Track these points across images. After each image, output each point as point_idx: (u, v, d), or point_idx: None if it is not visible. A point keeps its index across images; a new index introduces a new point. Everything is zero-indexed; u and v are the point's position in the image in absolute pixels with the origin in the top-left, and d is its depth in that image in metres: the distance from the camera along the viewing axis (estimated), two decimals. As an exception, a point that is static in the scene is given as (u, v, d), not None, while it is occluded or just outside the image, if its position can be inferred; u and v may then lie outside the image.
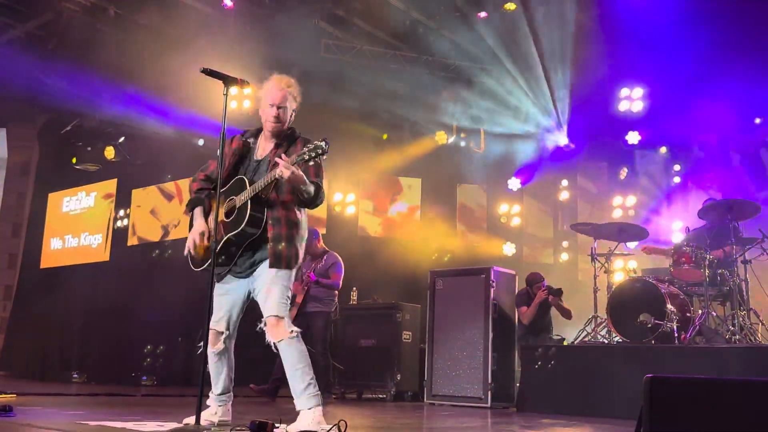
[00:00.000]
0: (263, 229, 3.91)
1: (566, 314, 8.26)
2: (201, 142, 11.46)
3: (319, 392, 3.88)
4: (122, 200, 13.07)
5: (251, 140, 4.19)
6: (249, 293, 4.07)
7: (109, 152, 12.65)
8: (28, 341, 13.14)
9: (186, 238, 4.18)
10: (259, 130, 4.20)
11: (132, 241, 12.75)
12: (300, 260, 4.05)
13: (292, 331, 3.86)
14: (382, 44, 11.10)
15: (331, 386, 7.82)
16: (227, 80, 3.91)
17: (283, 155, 3.85)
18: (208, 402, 4.13)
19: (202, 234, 4.07)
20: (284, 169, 3.69)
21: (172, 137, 11.70)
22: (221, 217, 3.99)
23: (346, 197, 11.90)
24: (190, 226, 4.20)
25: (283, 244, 3.91)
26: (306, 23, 10.31)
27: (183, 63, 9.69)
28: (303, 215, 4.10)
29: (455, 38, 10.57)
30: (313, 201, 3.96)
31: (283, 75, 4.16)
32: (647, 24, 9.10)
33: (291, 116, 4.11)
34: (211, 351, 4.07)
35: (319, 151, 3.69)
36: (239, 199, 3.93)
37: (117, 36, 10.34)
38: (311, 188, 3.89)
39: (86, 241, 13.41)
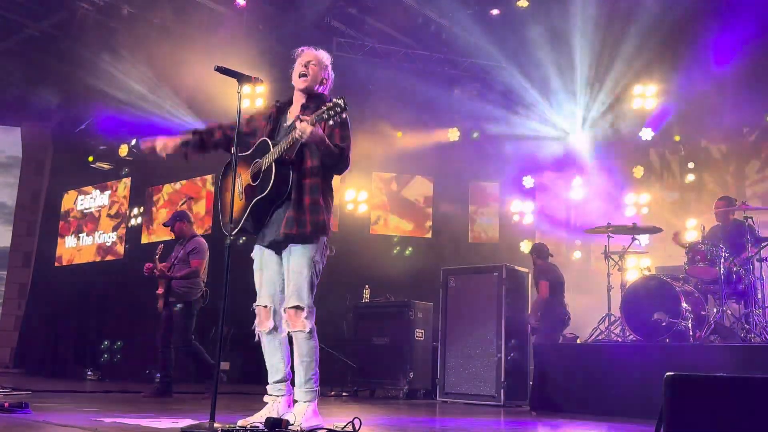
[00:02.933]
0: (289, 195, 3.81)
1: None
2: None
3: (318, 388, 3.83)
4: (136, 198, 13.14)
5: (282, 107, 4.13)
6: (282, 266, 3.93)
7: (123, 150, 12.72)
8: (42, 339, 13.24)
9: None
10: (291, 101, 4.15)
11: (146, 238, 12.81)
12: (329, 230, 3.91)
13: (310, 329, 3.81)
14: (395, 42, 11.10)
15: (207, 370, 7.14)
16: (241, 78, 3.90)
17: (302, 116, 3.75)
18: (265, 398, 3.95)
19: (165, 145, 4.11)
20: (305, 127, 3.60)
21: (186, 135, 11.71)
22: (247, 180, 3.92)
23: (359, 195, 11.90)
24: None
25: (308, 211, 3.82)
26: (318, 22, 10.32)
27: (196, 61, 9.73)
28: (328, 183, 3.98)
29: (468, 36, 10.55)
30: (337, 165, 3.85)
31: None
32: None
33: (322, 81, 4.06)
34: (262, 331, 3.95)
35: (338, 109, 3.60)
36: (264, 162, 3.85)
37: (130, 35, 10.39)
38: (335, 150, 3.79)
39: (100, 239, 13.49)
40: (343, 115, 3.67)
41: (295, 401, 3.84)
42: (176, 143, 4.14)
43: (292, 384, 3.89)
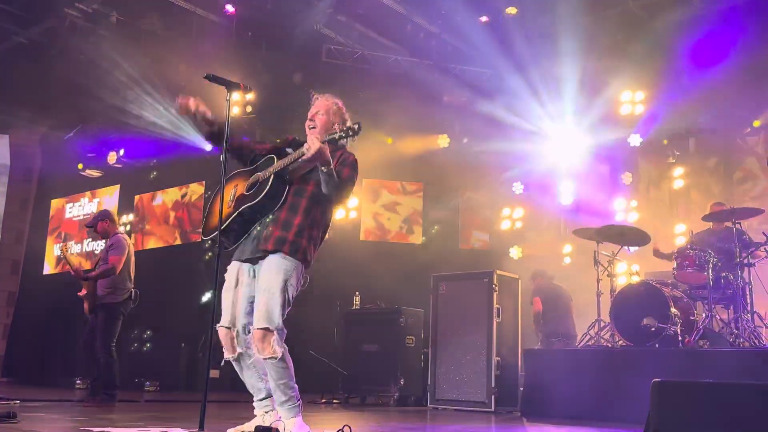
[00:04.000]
0: (280, 211, 3.78)
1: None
2: (209, 147, 11.40)
3: (299, 402, 3.75)
4: (125, 206, 13.10)
5: (295, 141, 4.09)
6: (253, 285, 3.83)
7: (112, 158, 12.69)
8: (31, 347, 13.15)
9: (189, 244, 4.15)
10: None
11: (135, 246, 12.76)
12: (310, 260, 3.84)
13: (279, 349, 3.63)
14: (384, 49, 11.12)
15: (112, 387, 6.78)
16: (230, 86, 3.91)
17: (313, 136, 3.71)
18: (255, 411, 3.92)
19: (198, 107, 3.94)
20: (312, 141, 3.58)
21: (175, 143, 11.71)
22: (241, 191, 3.89)
23: (349, 202, 11.90)
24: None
25: (292, 232, 3.76)
26: (307, 29, 10.33)
27: (185, 68, 9.72)
28: (326, 215, 3.95)
29: (457, 42, 10.58)
30: (335, 191, 3.76)
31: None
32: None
33: (334, 126, 3.97)
34: (230, 358, 3.84)
35: (351, 133, 3.62)
36: (263, 174, 3.83)
37: (119, 42, 10.36)
38: (336, 179, 3.73)
39: (89, 247, 13.43)
40: (354, 140, 3.73)
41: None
42: (208, 115, 3.98)
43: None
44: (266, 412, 3.87)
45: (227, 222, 3.82)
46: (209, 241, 3.72)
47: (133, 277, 7.13)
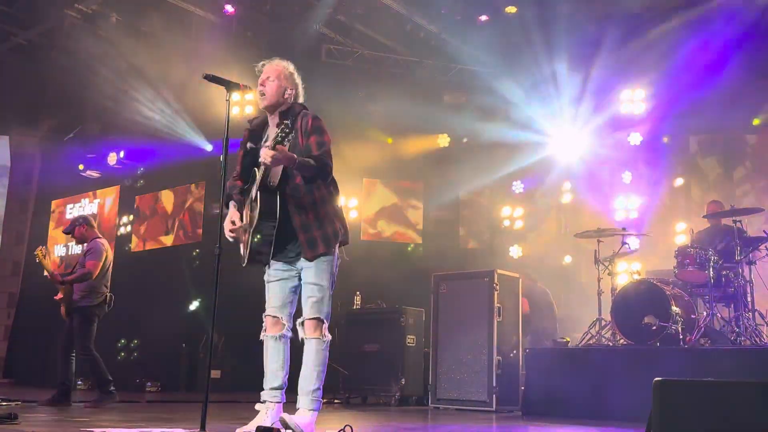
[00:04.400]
0: (288, 218, 3.83)
1: None
2: (209, 147, 11.41)
3: (321, 400, 3.87)
4: (125, 207, 13.10)
5: (257, 128, 4.10)
6: (299, 277, 3.95)
7: (112, 159, 12.68)
8: (32, 348, 13.15)
9: (189, 245, 4.17)
10: (265, 121, 4.11)
11: (136, 247, 12.77)
12: (340, 237, 3.95)
13: (326, 335, 3.86)
14: (384, 49, 11.11)
15: (106, 383, 6.86)
16: (229, 86, 3.91)
17: (266, 149, 3.71)
18: (257, 406, 3.93)
19: (233, 222, 3.95)
20: (266, 155, 3.62)
21: (176, 143, 11.71)
22: (248, 212, 3.92)
23: (349, 201, 11.90)
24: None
25: (312, 230, 3.85)
26: (307, 29, 10.33)
27: (185, 69, 9.71)
28: (326, 190, 3.95)
29: (457, 42, 10.58)
30: (317, 176, 3.83)
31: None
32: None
33: (286, 92, 3.98)
34: (268, 336, 3.96)
35: (287, 130, 3.63)
36: (253, 193, 3.87)
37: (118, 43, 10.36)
38: (310, 163, 3.75)
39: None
40: (311, 123, 3.79)
41: (297, 408, 3.83)
42: (235, 214, 4.02)
43: (295, 393, 3.90)
44: (272, 403, 3.89)
45: (249, 249, 3.87)
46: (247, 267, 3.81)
47: (109, 281, 7.16)
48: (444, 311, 7.72)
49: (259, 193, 3.80)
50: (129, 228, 12.91)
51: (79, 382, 10.95)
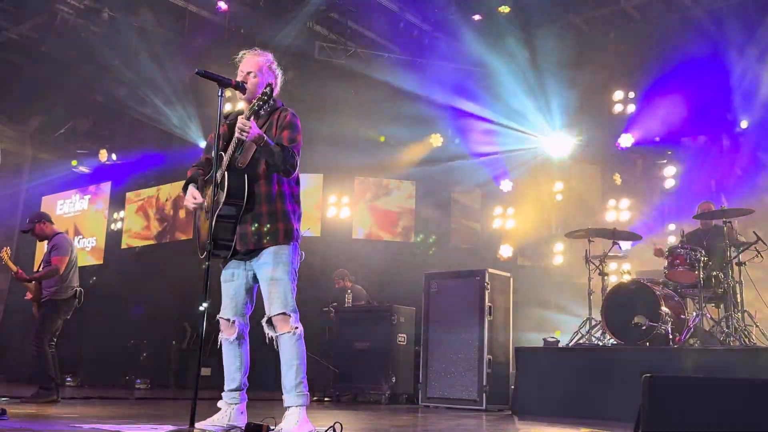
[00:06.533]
0: (252, 205, 3.81)
1: None
2: (203, 143, 11.37)
3: (308, 393, 3.85)
4: (116, 203, 13.06)
5: (234, 122, 4.02)
6: (253, 277, 3.95)
7: (103, 155, 12.64)
8: (20, 344, 13.08)
9: (179, 242, 4.16)
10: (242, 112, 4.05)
11: (126, 243, 12.72)
12: (297, 235, 3.93)
13: (297, 327, 3.82)
14: (377, 47, 11.11)
15: (47, 381, 6.67)
16: (222, 82, 3.90)
17: (240, 117, 3.74)
18: (219, 404, 4.02)
19: (194, 198, 3.94)
20: (243, 123, 3.63)
21: (168, 139, 11.69)
22: (209, 198, 3.87)
23: (341, 200, 11.90)
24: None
25: (276, 220, 3.85)
26: (300, 26, 10.31)
27: (177, 65, 9.68)
28: (289, 188, 3.97)
29: (450, 40, 10.58)
30: (280, 165, 3.79)
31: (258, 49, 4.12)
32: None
33: (269, 87, 3.91)
34: (225, 339, 3.99)
35: (265, 98, 3.68)
36: (219, 175, 3.83)
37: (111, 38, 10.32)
38: (275, 149, 3.76)
39: (80, 244, 13.37)
40: (273, 104, 3.86)
41: (285, 407, 3.83)
42: (195, 192, 4.02)
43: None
44: (231, 405, 3.97)
45: (210, 235, 3.73)
46: (205, 260, 3.67)
47: (77, 275, 7.06)
48: (435, 310, 7.72)
49: (226, 173, 3.78)
50: (120, 224, 12.87)
51: (68, 379, 10.92)
